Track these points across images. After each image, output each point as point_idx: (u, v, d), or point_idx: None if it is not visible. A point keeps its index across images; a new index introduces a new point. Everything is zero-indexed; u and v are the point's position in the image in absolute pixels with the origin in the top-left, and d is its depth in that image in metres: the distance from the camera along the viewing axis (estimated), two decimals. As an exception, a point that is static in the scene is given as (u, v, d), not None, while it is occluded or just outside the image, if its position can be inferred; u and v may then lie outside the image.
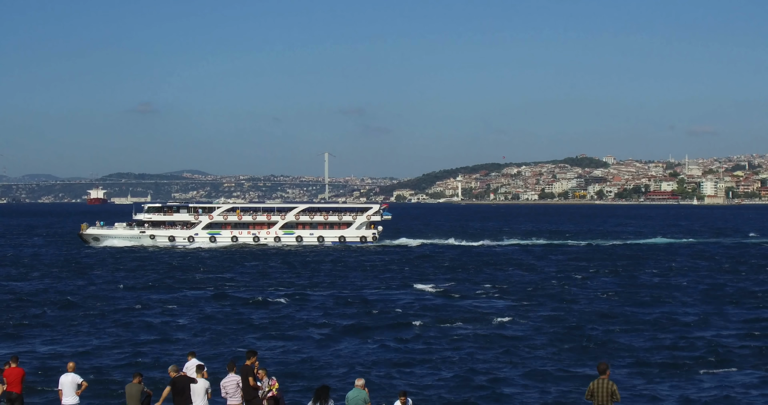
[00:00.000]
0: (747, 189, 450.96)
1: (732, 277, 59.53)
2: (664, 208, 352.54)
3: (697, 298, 47.65)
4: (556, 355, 31.48)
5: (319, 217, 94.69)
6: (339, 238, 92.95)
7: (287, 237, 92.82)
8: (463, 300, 46.90)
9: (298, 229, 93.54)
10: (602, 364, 16.35)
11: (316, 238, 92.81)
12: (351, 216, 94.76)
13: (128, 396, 18.59)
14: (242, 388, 18.23)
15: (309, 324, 38.62)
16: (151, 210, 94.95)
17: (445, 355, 31.35)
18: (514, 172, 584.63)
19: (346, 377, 26.95)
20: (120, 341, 34.44)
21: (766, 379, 27.51)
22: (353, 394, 17.14)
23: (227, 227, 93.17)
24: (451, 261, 73.80)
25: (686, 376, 28.22)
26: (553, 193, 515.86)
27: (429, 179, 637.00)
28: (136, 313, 42.35)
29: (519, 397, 25.80)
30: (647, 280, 57.80)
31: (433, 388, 26.58)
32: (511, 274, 61.47)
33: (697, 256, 78.60)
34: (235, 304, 45.41)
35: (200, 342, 34.24)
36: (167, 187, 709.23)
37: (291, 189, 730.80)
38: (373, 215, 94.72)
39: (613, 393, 15.85)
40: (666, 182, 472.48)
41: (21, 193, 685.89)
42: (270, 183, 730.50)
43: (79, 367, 21.08)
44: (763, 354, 31.29)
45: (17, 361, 19.32)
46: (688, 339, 34.33)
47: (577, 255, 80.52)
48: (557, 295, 48.64)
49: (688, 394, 25.84)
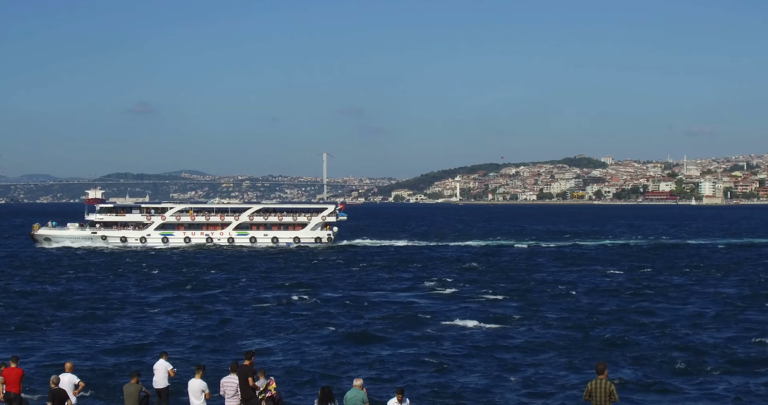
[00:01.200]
0: (745, 189, 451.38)
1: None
2: (662, 208, 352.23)
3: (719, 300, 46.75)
4: (556, 358, 31.46)
5: (274, 217, 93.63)
6: (293, 238, 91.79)
7: (241, 238, 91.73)
8: (461, 302, 46.88)
9: (252, 229, 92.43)
10: (600, 363, 16.29)
11: (270, 239, 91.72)
12: (306, 217, 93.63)
13: (126, 396, 18.61)
14: (240, 389, 18.22)
15: (308, 324, 38.54)
16: (103, 210, 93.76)
17: (446, 356, 31.24)
18: (513, 173, 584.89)
19: (345, 377, 26.92)
20: (117, 341, 34.36)
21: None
22: (351, 394, 17.15)
23: (180, 228, 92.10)
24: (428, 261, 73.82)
25: (696, 379, 27.85)
26: (552, 194, 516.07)
27: (427, 179, 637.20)
28: (134, 313, 42.31)
29: (520, 398, 25.77)
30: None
31: (434, 389, 26.54)
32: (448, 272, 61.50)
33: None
34: (234, 305, 45.39)
35: (199, 342, 34.18)
36: (165, 187, 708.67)
37: (289, 189, 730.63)
38: (328, 216, 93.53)
39: (611, 393, 15.74)
40: (664, 182, 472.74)
41: (19, 193, 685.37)
42: (268, 183, 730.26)
43: (76, 367, 21.06)
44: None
45: (17, 361, 19.33)
46: (700, 341, 34.18)
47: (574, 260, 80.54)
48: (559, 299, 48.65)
49: (692, 398, 25.74)
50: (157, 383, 19.78)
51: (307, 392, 25.65)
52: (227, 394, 18.26)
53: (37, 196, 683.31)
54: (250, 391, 18.22)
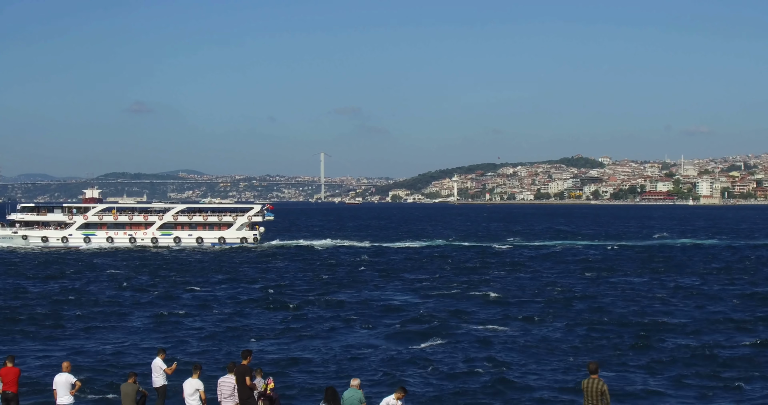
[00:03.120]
0: (742, 189, 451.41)
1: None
2: (660, 208, 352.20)
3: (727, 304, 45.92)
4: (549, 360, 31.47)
5: (198, 217, 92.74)
6: (219, 239, 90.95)
7: (165, 238, 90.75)
8: (450, 299, 46.93)
9: (176, 229, 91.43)
10: (592, 363, 16.35)
11: (194, 239, 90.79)
12: (231, 216, 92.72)
13: (123, 395, 18.58)
14: (238, 388, 18.16)
15: (307, 324, 38.56)
16: (24, 210, 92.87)
17: (447, 357, 31.25)
18: (510, 173, 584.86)
19: (344, 378, 26.90)
20: (114, 341, 34.33)
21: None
22: (348, 393, 17.15)
23: (103, 228, 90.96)
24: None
25: (704, 383, 27.53)
26: (549, 194, 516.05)
27: (425, 179, 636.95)
28: (132, 313, 42.31)
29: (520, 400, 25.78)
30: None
31: (432, 389, 26.55)
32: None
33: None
34: (233, 305, 45.38)
35: (197, 342, 34.17)
36: (163, 187, 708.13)
37: (287, 189, 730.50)
38: (254, 216, 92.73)
39: (603, 393, 15.78)
40: (662, 182, 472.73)
41: (17, 192, 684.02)
42: (266, 183, 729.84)
43: (73, 366, 21.05)
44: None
45: (13, 360, 19.30)
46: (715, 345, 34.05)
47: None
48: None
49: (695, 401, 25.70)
50: (154, 382, 19.79)
51: (306, 393, 25.66)
52: (224, 395, 18.15)
53: (35, 196, 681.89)
54: (247, 391, 18.15)
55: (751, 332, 36.00)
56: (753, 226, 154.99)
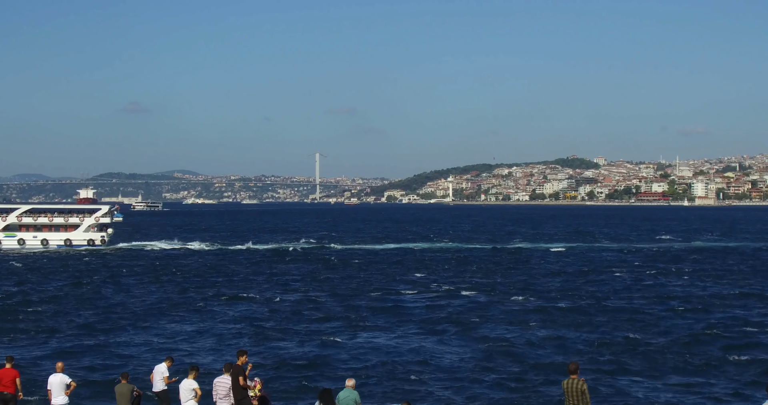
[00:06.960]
0: (737, 190, 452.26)
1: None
2: (655, 209, 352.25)
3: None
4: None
5: (44, 218, 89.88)
6: (65, 241, 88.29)
7: (8, 240, 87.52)
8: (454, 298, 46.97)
9: (20, 231, 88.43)
10: (572, 363, 16.50)
11: (39, 241, 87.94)
12: (78, 218, 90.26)
13: (119, 396, 18.56)
14: (233, 389, 18.14)
15: (305, 324, 38.56)
16: None
17: (447, 357, 31.19)
18: (505, 173, 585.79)
19: (343, 378, 26.86)
20: (110, 342, 34.27)
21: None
22: (344, 394, 17.15)
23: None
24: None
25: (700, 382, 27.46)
26: (544, 194, 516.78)
27: (420, 180, 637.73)
28: (130, 313, 42.28)
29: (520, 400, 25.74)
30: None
31: (433, 390, 26.55)
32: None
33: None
34: (230, 305, 45.35)
35: (195, 342, 34.15)
36: (158, 187, 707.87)
37: (282, 189, 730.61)
38: (102, 217, 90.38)
39: (583, 392, 15.92)
40: (657, 183, 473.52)
41: (11, 192, 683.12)
42: (261, 183, 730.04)
43: (67, 366, 21.02)
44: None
45: (12, 361, 19.23)
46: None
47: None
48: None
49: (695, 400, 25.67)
50: (155, 386, 19.67)
51: (302, 394, 25.63)
52: (219, 395, 18.14)
53: (30, 196, 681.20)
54: (242, 390, 18.14)
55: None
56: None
